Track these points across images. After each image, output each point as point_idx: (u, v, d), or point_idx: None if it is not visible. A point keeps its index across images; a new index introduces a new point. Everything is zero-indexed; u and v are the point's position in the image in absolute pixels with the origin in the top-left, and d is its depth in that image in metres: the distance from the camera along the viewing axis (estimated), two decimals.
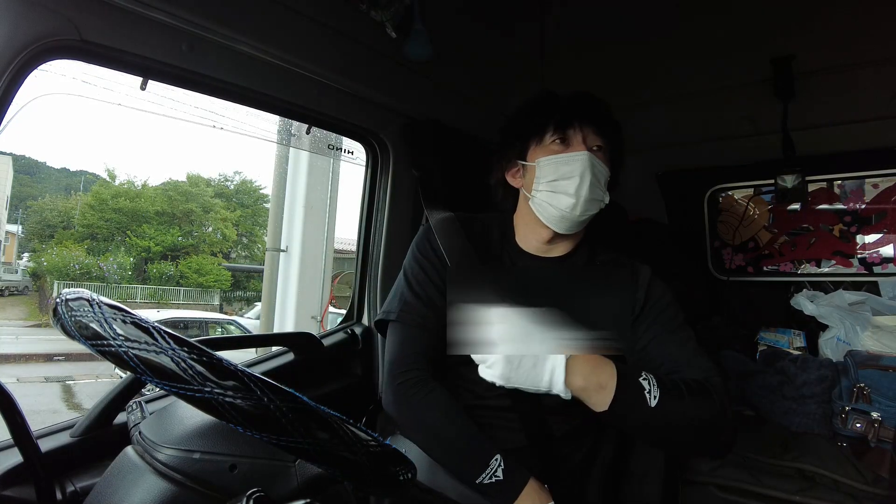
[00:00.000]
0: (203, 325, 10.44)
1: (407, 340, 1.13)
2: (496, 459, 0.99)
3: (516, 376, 0.94)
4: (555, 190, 1.09)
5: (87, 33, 1.01)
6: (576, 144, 1.11)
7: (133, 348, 0.52)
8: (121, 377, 1.12)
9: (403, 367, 1.09)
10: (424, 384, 1.08)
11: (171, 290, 17.28)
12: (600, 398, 0.93)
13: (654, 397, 0.92)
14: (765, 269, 2.12)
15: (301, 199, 3.47)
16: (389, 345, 1.15)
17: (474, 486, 0.99)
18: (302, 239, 3.50)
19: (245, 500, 0.58)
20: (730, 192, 2.16)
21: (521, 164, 1.17)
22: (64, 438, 1.05)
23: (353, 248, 1.81)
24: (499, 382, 0.95)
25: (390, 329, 1.17)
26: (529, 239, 1.20)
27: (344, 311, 1.81)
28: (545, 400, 1.02)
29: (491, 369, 0.96)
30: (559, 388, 0.93)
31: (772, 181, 1.86)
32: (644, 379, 0.94)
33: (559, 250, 1.20)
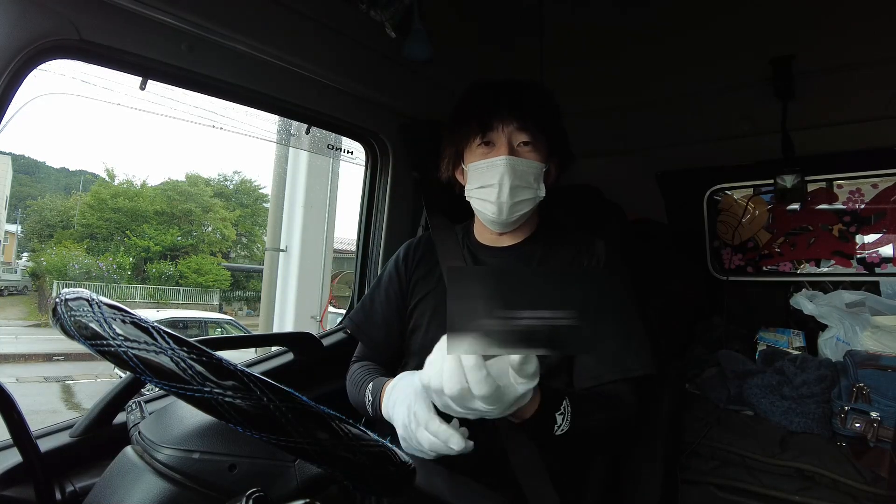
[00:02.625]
0: (202, 324, 10.46)
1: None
2: (368, 390, 1.12)
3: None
4: (481, 197, 1.13)
5: (87, 33, 1.01)
6: (499, 146, 1.11)
7: (132, 348, 0.52)
8: (120, 377, 1.12)
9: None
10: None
11: (171, 290, 17.28)
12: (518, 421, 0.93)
13: (561, 430, 0.94)
14: (764, 269, 2.12)
15: (301, 198, 3.47)
16: None
17: (370, 416, 1.11)
18: (301, 239, 3.50)
19: (244, 499, 0.58)
20: (729, 192, 2.16)
21: (462, 165, 1.19)
22: (63, 438, 1.05)
23: (351, 248, 1.81)
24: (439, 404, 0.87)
25: None
26: (483, 232, 1.25)
27: (343, 311, 1.81)
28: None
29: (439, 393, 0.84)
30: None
31: (771, 181, 1.86)
32: (560, 414, 0.94)
33: (510, 239, 1.22)
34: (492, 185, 1.10)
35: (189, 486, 0.69)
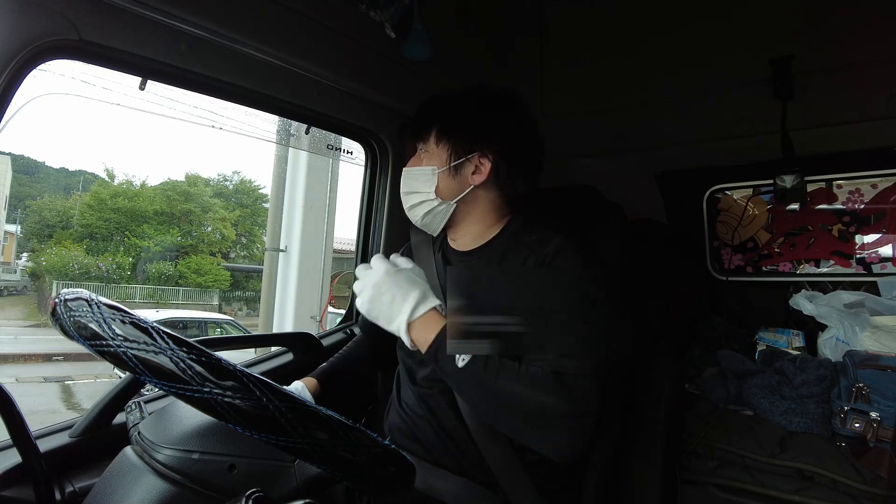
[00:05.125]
0: (202, 325, 10.45)
1: None
2: None
3: (375, 309, 1.05)
4: None
5: (87, 33, 1.01)
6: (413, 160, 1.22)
7: (132, 348, 0.52)
8: (120, 377, 1.12)
9: None
10: None
11: (170, 290, 17.25)
12: (423, 349, 1.02)
13: (463, 360, 0.98)
14: (764, 269, 2.12)
15: (300, 198, 3.47)
16: None
17: None
18: (301, 239, 3.50)
19: (244, 500, 0.58)
20: (729, 193, 2.16)
21: None
22: (63, 438, 1.05)
23: (348, 248, 1.81)
24: (362, 311, 1.07)
25: None
26: (450, 236, 1.28)
27: (343, 311, 1.82)
28: None
29: (359, 298, 1.07)
30: (403, 334, 1.03)
31: (771, 181, 1.86)
32: None
33: (473, 242, 1.22)
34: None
35: (189, 487, 0.69)
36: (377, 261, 1.08)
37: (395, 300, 1.03)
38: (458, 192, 1.16)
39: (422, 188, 1.17)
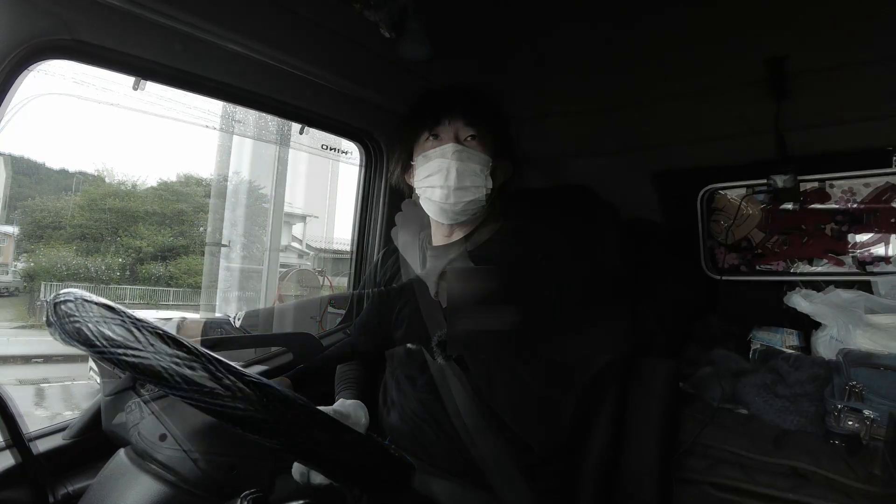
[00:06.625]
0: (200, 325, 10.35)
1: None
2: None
3: None
4: (430, 184, 1.15)
5: (80, 33, 1.00)
6: (445, 138, 1.16)
7: (129, 351, 0.52)
8: (120, 377, 1.11)
9: None
10: None
11: (163, 291, 17.15)
12: (444, 303, 1.08)
13: None
14: (758, 268, 2.13)
15: (244, 190, 3.38)
16: None
17: None
18: (244, 233, 3.40)
19: (240, 501, 0.58)
20: (723, 192, 2.16)
21: (411, 163, 1.23)
22: (58, 440, 1.05)
23: (346, 248, 1.81)
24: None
25: None
26: (436, 233, 1.26)
27: (343, 312, 1.81)
28: None
29: None
30: (430, 279, 1.10)
31: (765, 181, 1.87)
32: None
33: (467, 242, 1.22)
34: (440, 170, 1.13)
35: (185, 488, 0.68)
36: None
37: None
38: (488, 184, 1.16)
39: (479, 174, 1.15)
